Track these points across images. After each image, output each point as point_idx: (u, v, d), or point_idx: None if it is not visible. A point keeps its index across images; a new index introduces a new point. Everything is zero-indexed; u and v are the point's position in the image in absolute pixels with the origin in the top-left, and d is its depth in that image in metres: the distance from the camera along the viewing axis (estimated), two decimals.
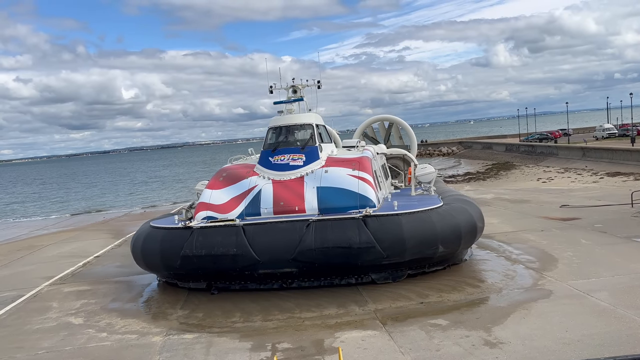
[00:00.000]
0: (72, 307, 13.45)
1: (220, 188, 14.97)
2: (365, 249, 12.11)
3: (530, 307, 10.67)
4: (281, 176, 14.76)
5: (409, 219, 12.53)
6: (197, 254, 12.65)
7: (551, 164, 50.93)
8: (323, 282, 13.09)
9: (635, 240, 15.79)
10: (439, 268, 13.75)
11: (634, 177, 35.24)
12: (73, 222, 37.33)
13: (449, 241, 13.03)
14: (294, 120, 16.32)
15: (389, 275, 13.05)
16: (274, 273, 12.89)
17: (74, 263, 19.13)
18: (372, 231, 12.17)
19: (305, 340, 9.89)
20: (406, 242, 12.29)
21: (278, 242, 12.39)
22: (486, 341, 9.14)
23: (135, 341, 10.64)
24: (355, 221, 12.37)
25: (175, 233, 13.31)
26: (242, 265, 12.60)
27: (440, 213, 13.20)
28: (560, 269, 13.31)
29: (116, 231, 27.68)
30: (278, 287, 13.15)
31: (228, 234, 12.69)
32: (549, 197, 27.50)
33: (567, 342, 8.77)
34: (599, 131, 73.22)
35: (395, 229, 12.28)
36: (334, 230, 12.31)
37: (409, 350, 9.03)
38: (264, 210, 14.10)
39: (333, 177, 14.38)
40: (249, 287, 13.33)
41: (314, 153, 15.27)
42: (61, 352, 10.34)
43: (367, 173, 14.52)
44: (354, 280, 13.09)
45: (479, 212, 14.78)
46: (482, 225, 14.59)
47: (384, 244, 12.15)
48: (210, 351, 9.81)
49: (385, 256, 12.28)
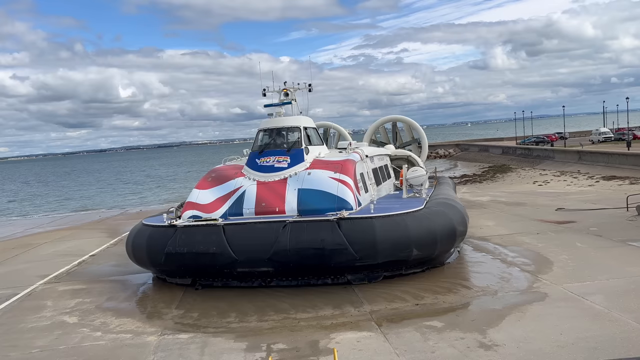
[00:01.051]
0: (67, 306, 13.41)
1: (207, 188, 15.45)
2: (338, 251, 12.41)
3: (526, 310, 10.69)
4: (266, 177, 15.16)
5: (382, 222, 12.78)
6: (180, 251, 13.22)
7: (547, 167, 51.05)
8: (300, 282, 13.40)
9: (631, 244, 15.85)
10: (417, 270, 13.85)
11: (630, 181, 35.37)
12: (69, 220, 37.20)
13: (424, 245, 13.14)
14: (282, 123, 16.68)
15: (364, 276, 13.25)
16: (251, 272, 13.29)
17: (69, 262, 19.07)
18: (345, 233, 12.47)
19: (301, 341, 9.89)
20: (378, 245, 12.52)
21: (255, 242, 12.79)
22: (481, 343, 9.15)
23: (130, 341, 10.61)
24: (329, 223, 12.70)
25: (160, 231, 13.90)
26: (221, 263, 13.04)
27: (416, 217, 13.34)
28: (556, 271, 13.34)
29: (112, 230, 27.61)
30: (257, 285, 13.53)
31: (209, 233, 13.17)
32: (544, 200, 27.57)
33: (561, 345, 8.79)
34: (595, 135, 73.46)
35: (367, 231, 12.55)
36: (309, 231, 12.66)
37: (404, 352, 9.04)
38: (246, 211, 14.55)
39: (314, 180, 14.71)
40: (230, 285, 13.73)
41: (299, 155, 15.59)
42: (55, 351, 10.30)
43: (348, 176, 14.77)
44: (330, 280, 13.37)
45: (461, 216, 14.84)
46: (463, 229, 14.58)
47: (356, 246, 12.42)
48: (205, 351, 9.80)
49: (357, 258, 12.53)
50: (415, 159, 22.94)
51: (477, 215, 23.21)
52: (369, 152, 18.63)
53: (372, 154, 19.03)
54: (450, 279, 13.49)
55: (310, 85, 18.48)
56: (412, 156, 22.96)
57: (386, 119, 27.65)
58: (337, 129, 27.00)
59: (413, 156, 22.98)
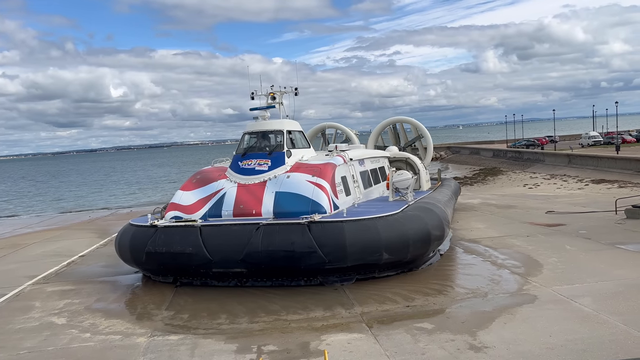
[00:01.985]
0: (56, 306, 13.29)
1: (191, 190, 15.85)
2: (307, 254, 12.63)
3: (515, 312, 10.76)
4: (246, 180, 15.49)
5: (352, 225, 12.94)
6: (159, 250, 13.72)
7: (538, 170, 51.42)
8: (274, 283, 13.66)
9: (619, 246, 15.99)
10: (390, 274, 13.92)
11: (618, 184, 35.71)
12: (58, 220, 36.90)
13: (395, 248, 13.23)
14: (265, 127, 17.02)
15: (337, 279, 13.43)
16: (226, 272, 13.64)
17: (58, 262, 18.91)
18: (315, 237, 12.68)
19: (291, 343, 9.87)
20: (347, 248, 12.67)
21: (229, 244, 13.13)
22: (471, 345, 9.19)
23: (119, 342, 10.54)
24: (300, 226, 12.92)
25: (142, 231, 14.39)
26: (196, 263, 13.45)
27: (388, 221, 13.43)
28: (545, 274, 13.44)
29: (102, 230, 27.41)
30: (234, 285, 13.85)
31: (186, 234, 13.61)
32: (535, 203, 27.77)
33: (550, 347, 8.85)
34: (584, 139, 74.14)
35: (337, 235, 12.73)
36: (280, 234, 12.92)
37: (394, 354, 9.05)
38: (224, 213, 14.89)
39: (292, 183, 14.97)
40: (209, 284, 14.08)
41: (280, 159, 15.86)
42: (43, 353, 10.20)
43: (325, 180, 14.96)
44: (303, 282, 13.57)
45: (438, 221, 14.84)
46: (439, 234, 14.60)
47: (326, 249, 12.61)
48: (195, 353, 9.75)
49: (327, 261, 12.71)
50: (414, 161, 22.85)
51: (467, 218, 23.33)
52: (358, 155, 18.69)
53: (361, 156, 19.08)
54: (440, 281, 13.54)
55: (296, 89, 18.75)
56: (411, 158, 22.88)
57: (392, 120, 27.67)
58: (343, 129, 27.03)
59: (412, 158, 22.90)
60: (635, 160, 40.52)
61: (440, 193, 20.55)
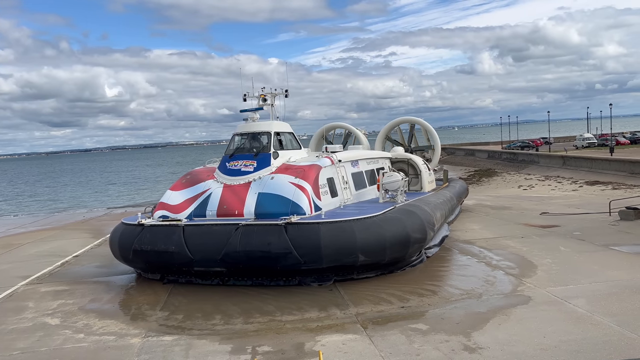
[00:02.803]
0: (49, 307, 13.22)
1: (179, 190, 16.18)
2: (283, 255, 12.85)
3: (510, 313, 10.79)
4: (232, 181, 15.75)
5: (327, 227, 13.08)
6: (145, 249, 14.18)
7: (532, 172, 51.61)
8: (254, 282, 13.95)
9: (613, 248, 16.07)
10: (370, 275, 13.99)
11: (612, 186, 35.90)
12: (52, 220, 36.73)
13: (371, 251, 13.30)
14: (253, 128, 17.25)
15: (314, 279, 13.59)
16: (207, 271, 13.98)
17: (52, 262, 18.82)
18: (291, 238, 12.88)
19: (286, 344, 9.86)
20: (322, 250, 12.82)
21: (209, 243, 13.47)
22: (465, 346, 9.21)
23: (113, 342, 10.49)
24: (277, 227, 13.15)
25: (130, 229, 14.87)
26: (179, 261, 13.86)
27: (365, 223, 13.49)
28: (540, 275, 13.49)
29: (96, 231, 27.30)
30: (216, 284, 14.18)
31: (170, 233, 14.01)
32: (529, 205, 27.86)
33: (544, 348, 8.88)
34: (579, 140, 74.49)
35: (312, 236, 12.90)
36: (257, 235, 13.16)
37: (389, 355, 9.06)
38: (209, 213, 15.18)
39: (274, 184, 15.15)
40: (193, 282, 14.43)
41: (266, 160, 16.05)
42: (36, 353, 10.14)
43: (307, 182, 15.09)
44: (282, 282, 13.76)
45: (419, 224, 14.74)
46: (419, 237, 14.55)
47: (301, 250, 12.80)
48: (189, 353, 9.72)
49: (302, 262, 12.90)
50: (416, 162, 22.70)
51: (462, 219, 23.38)
52: (350, 157, 18.70)
53: (354, 158, 19.07)
54: (435, 282, 13.57)
55: (286, 90, 18.91)
56: (413, 159, 22.76)
57: (400, 120, 27.57)
58: (351, 130, 27.01)
59: (414, 159, 22.76)
60: (629, 162, 40.74)
61: (438, 195, 20.46)
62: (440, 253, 16.81)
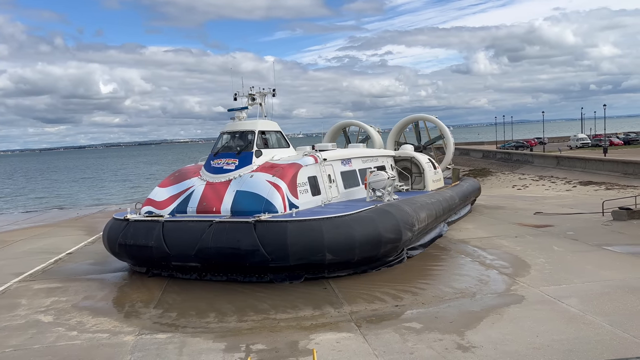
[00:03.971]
0: (42, 304, 13.16)
1: (166, 186, 16.59)
2: (251, 252, 13.10)
3: (503, 312, 10.83)
4: (214, 179, 16.06)
5: (295, 226, 13.22)
6: (128, 243, 14.78)
7: (526, 172, 51.84)
8: (228, 278, 14.23)
9: (606, 248, 16.17)
10: (341, 274, 14.04)
11: (606, 186, 36.11)
12: (45, 217, 36.56)
13: (339, 249, 13.36)
14: (238, 127, 17.49)
15: (286, 277, 13.78)
16: (184, 266, 14.44)
17: (45, 259, 18.72)
18: (259, 235, 13.11)
19: (280, 342, 9.87)
20: (289, 248, 12.98)
21: (185, 239, 13.88)
22: (459, 345, 9.25)
23: (107, 340, 10.46)
24: (247, 225, 13.39)
25: (117, 224, 15.49)
26: (158, 256, 14.36)
27: (334, 222, 13.53)
28: (533, 275, 13.55)
29: (90, 228, 27.19)
30: (194, 279, 14.55)
31: (150, 228, 14.52)
32: (523, 204, 27.99)
33: (537, 347, 8.93)
34: (573, 141, 74.82)
35: (279, 234, 13.08)
36: (228, 232, 13.44)
37: (382, 353, 9.08)
38: (189, 209, 15.55)
39: (251, 182, 15.38)
40: (175, 276, 14.84)
41: (247, 158, 16.27)
42: (29, 351, 10.10)
43: (283, 180, 15.23)
44: (255, 278, 13.98)
45: (394, 224, 14.53)
46: (392, 237, 14.42)
47: (269, 247, 13.02)
48: (183, 351, 9.71)
49: (270, 259, 13.11)
50: (420, 160, 22.42)
51: None
52: (339, 155, 18.61)
53: (345, 156, 18.95)
54: (429, 280, 13.61)
55: (274, 90, 19.05)
56: (416, 158, 22.51)
57: (413, 117, 27.37)
58: (364, 127, 26.86)
59: (417, 158, 22.50)
60: (622, 162, 40.98)
61: (434, 195, 20.09)
62: (434, 252, 16.86)
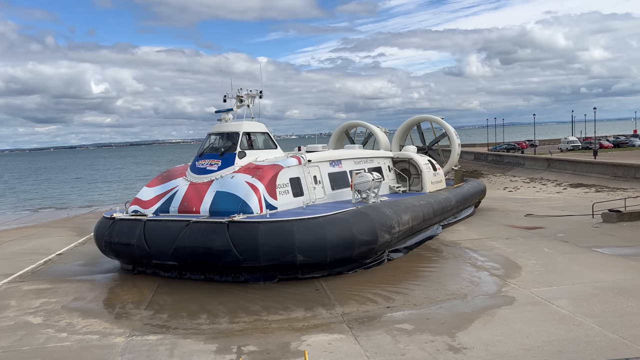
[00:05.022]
0: (31, 305, 13.05)
1: (153, 186, 16.83)
2: (224, 252, 13.29)
3: (494, 314, 10.89)
4: (198, 179, 16.29)
5: (266, 227, 13.36)
6: (113, 241, 15.17)
7: (517, 174, 52.17)
8: (205, 277, 14.47)
9: (596, 250, 16.30)
10: (316, 275, 14.10)
11: (596, 188, 36.41)
12: (36, 218, 36.27)
13: (311, 251, 13.43)
14: (223, 129, 17.69)
15: (260, 277, 13.94)
16: (163, 264, 14.73)
17: (35, 260, 18.57)
18: (231, 236, 13.27)
19: (272, 343, 9.85)
20: (260, 248, 13.13)
21: (163, 238, 14.18)
22: (450, 346, 9.28)
23: (97, 342, 10.39)
24: (220, 225, 13.59)
25: (104, 222, 15.93)
26: (139, 254, 14.74)
27: (307, 223, 13.60)
28: (524, 276, 13.63)
29: (80, 228, 27.00)
30: (174, 277, 14.83)
31: (133, 227, 14.87)
32: (514, 206, 28.14)
33: (527, 348, 8.98)
34: (564, 143, 75.29)
35: (251, 235, 13.24)
36: (203, 232, 13.65)
37: (374, 355, 9.09)
38: (172, 209, 15.80)
39: (231, 183, 15.54)
40: (158, 274, 15.13)
41: (230, 159, 16.45)
42: (18, 352, 10.01)
43: (261, 181, 15.34)
44: (230, 278, 14.15)
45: (369, 226, 14.46)
46: (367, 239, 14.33)
47: (240, 248, 13.20)
48: (174, 353, 9.66)
49: (241, 259, 13.30)
50: (417, 162, 22.23)
51: None
52: (326, 157, 18.48)
53: (332, 158, 18.76)
54: (421, 282, 13.64)
55: (260, 92, 19.18)
56: (414, 159, 22.37)
57: (418, 118, 27.28)
58: (370, 128, 26.77)
59: (414, 159, 22.35)
60: (612, 165, 41.33)
61: (428, 197, 19.78)
62: (425, 254, 16.91)
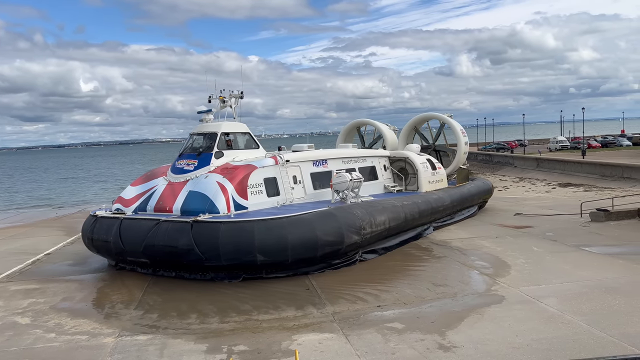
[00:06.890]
0: (19, 306, 12.92)
1: (136, 185, 17.24)
2: (187, 251, 13.58)
3: (483, 312, 10.96)
4: (175, 179, 16.53)
5: (227, 227, 13.55)
6: (95, 237, 15.75)
7: (507, 173, 52.54)
8: (176, 274, 14.79)
9: (584, 249, 16.45)
10: (280, 275, 14.18)
11: (584, 188, 36.75)
12: (23, 217, 35.90)
13: (271, 251, 13.53)
14: (202, 129, 17.84)
15: (225, 276, 14.15)
16: (137, 261, 15.20)
17: (23, 260, 18.39)
18: (194, 235, 13.54)
19: (262, 343, 9.84)
20: (220, 248, 13.32)
21: (135, 236, 14.60)
22: (440, 345, 9.32)
23: (86, 342, 10.32)
24: (185, 225, 13.87)
25: (88, 220, 16.52)
26: (115, 251, 15.29)
27: (267, 224, 13.67)
28: (513, 275, 13.72)
29: (69, 228, 26.75)
30: (150, 274, 15.16)
31: (111, 225, 15.36)
32: (504, 205, 28.32)
33: (516, 347, 9.05)
34: (552, 143, 75.91)
35: (212, 235, 13.46)
36: (169, 231, 13.96)
37: (365, 353, 9.11)
38: (149, 208, 16.08)
39: (202, 183, 15.72)
40: (136, 270, 15.50)
41: (206, 160, 16.59)
42: (6, 353, 9.90)
43: (231, 182, 15.43)
44: (199, 276, 14.39)
45: (335, 227, 14.39)
46: (333, 240, 14.29)
47: (202, 247, 13.45)
48: (164, 353, 9.62)
49: (204, 259, 13.55)
50: (413, 161, 22.01)
51: None
52: (307, 157, 18.28)
53: (314, 157, 18.54)
54: (411, 281, 13.69)
55: (242, 92, 19.30)
56: (410, 158, 22.21)
57: (424, 116, 27.19)
58: (377, 126, 26.66)
59: (411, 158, 22.19)
60: (600, 165, 41.74)
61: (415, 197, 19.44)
62: (415, 253, 16.98)
